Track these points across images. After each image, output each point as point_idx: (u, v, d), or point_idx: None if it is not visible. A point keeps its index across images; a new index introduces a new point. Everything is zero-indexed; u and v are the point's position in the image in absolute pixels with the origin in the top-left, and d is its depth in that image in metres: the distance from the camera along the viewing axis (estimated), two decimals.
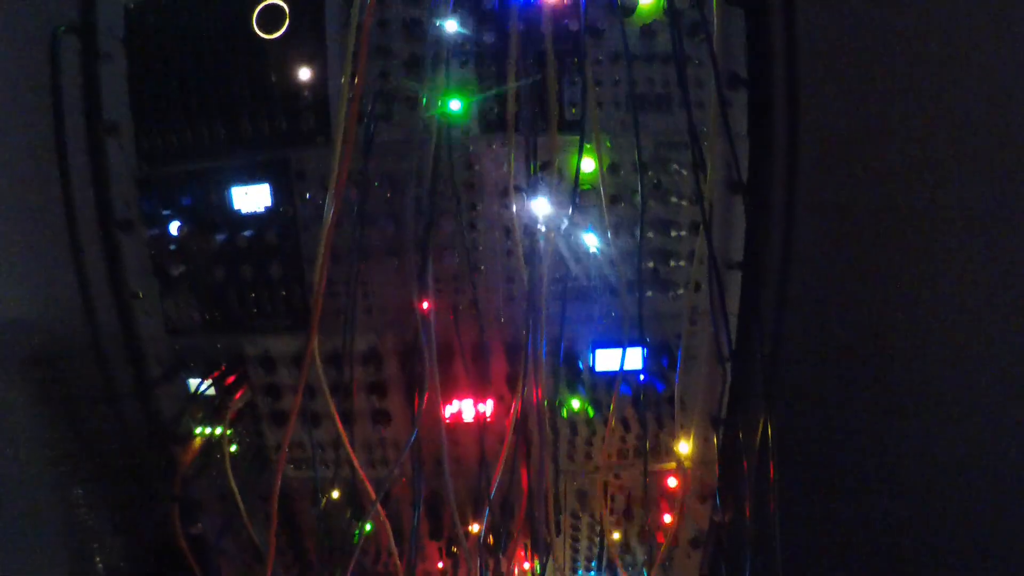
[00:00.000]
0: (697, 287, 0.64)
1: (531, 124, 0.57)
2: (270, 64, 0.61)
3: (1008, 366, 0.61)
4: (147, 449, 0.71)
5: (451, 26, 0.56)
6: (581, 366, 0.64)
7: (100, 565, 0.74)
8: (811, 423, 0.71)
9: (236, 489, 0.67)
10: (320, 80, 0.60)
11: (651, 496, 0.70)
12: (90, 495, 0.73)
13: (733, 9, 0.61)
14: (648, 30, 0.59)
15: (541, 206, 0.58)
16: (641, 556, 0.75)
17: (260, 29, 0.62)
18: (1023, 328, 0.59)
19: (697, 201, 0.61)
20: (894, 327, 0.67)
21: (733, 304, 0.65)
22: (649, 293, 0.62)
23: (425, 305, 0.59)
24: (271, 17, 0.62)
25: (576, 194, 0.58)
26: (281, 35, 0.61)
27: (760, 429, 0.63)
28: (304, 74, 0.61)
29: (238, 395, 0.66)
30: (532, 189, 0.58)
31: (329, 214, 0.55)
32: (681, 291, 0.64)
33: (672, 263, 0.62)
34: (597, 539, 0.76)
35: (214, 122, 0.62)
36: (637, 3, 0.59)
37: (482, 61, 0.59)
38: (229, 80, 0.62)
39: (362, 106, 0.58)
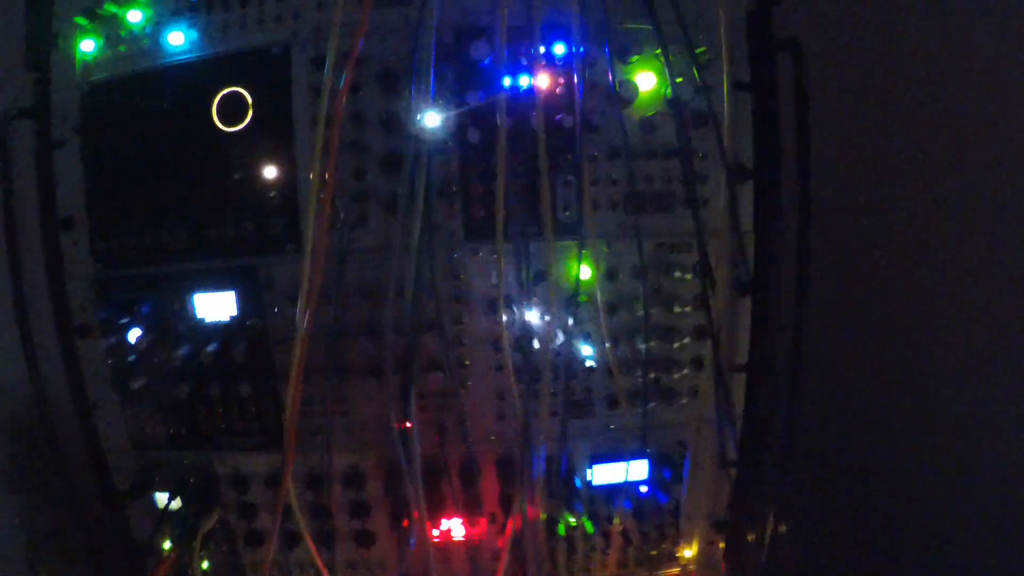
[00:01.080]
0: (696, 392, 0.55)
1: (521, 229, 0.49)
2: (233, 160, 0.52)
3: None
4: (116, 564, 0.63)
5: (432, 120, 0.48)
6: (579, 482, 0.56)
7: None
8: (818, 519, 0.65)
9: None
10: (288, 179, 0.51)
11: None
12: None
13: (741, 95, 0.53)
14: (648, 122, 0.51)
15: (533, 318, 0.51)
16: None
17: (221, 120, 0.53)
18: None
19: (702, 305, 0.53)
20: (903, 425, 0.60)
21: (738, 406, 0.59)
22: (651, 404, 0.54)
23: (408, 424, 0.52)
24: (233, 107, 0.53)
25: (573, 305, 0.51)
26: (244, 127, 0.52)
27: (769, 531, 0.57)
28: (270, 172, 0.52)
29: (209, 515, 0.58)
30: (523, 300, 0.50)
31: (301, 331, 0.48)
32: (684, 400, 0.55)
33: (675, 373, 0.54)
34: None
35: (174, 222, 0.53)
36: (637, 93, 0.50)
37: (467, 159, 0.50)
38: (190, 176, 0.53)
39: (335, 209, 0.51)
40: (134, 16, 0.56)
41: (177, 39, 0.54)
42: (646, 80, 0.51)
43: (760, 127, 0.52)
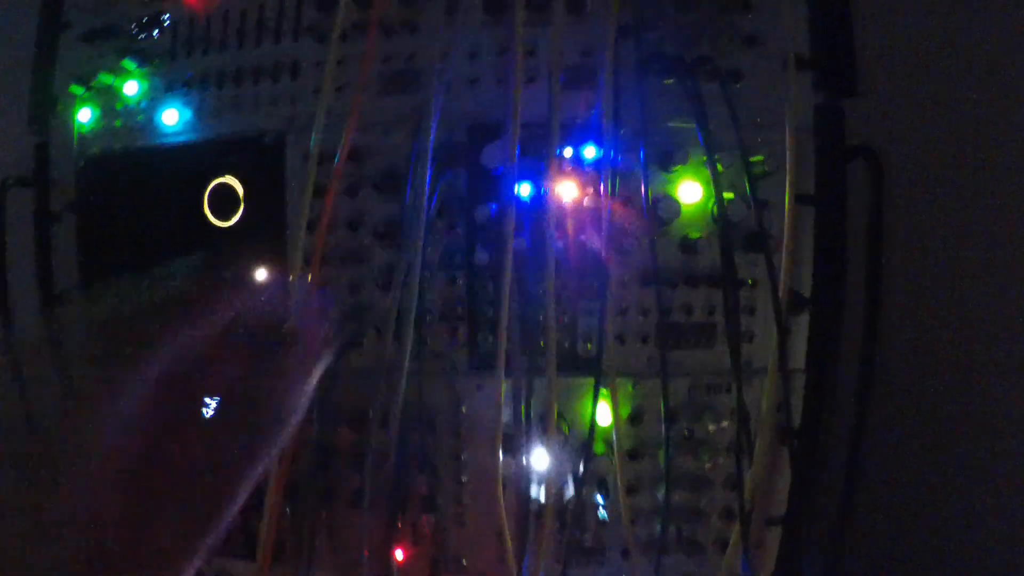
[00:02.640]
0: (724, 545, 0.42)
1: (531, 362, 0.38)
2: (222, 257, 0.43)
3: None
4: None
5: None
6: None
7: None
8: None
9: None
10: (279, 286, 0.40)
11: None
12: None
13: (804, 209, 0.40)
14: (689, 244, 0.40)
15: (541, 461, 0.40)
16: None
17: (213, 212, 0.44)
18: None
19: (736, 453, 0.40)
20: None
21: (770, 561, 0.48)
22: (670, 557, 0.43)
23: (399, 555, 0.44)
24: (225, 199, 0.43)
25: (588, 453, 0.39)
26: (235, 222, 0.43)
27: None
28: (260, 275, 0.42)
29: None
30: (529, 441, 0.40)
31: (276, 458, 0.40)
32: (710, 554, 0.44)
33: (700, 526, 0.42)
34: None
35: (163, 315, 0.47)
36: (679, 211, 0.38)
37: (475, 280, 0.40)
38: (179, 271, 0.47)
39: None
40: (130, 88, 0.47)
41: (171, 117, 0.46)
42: (690, 192, 0.40)
43: (823, 250, 0.40)
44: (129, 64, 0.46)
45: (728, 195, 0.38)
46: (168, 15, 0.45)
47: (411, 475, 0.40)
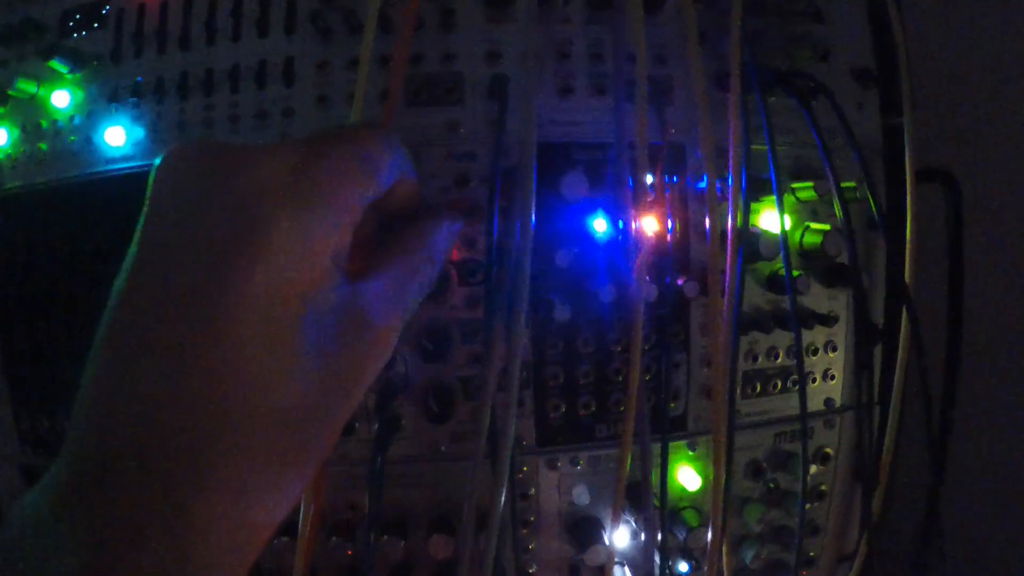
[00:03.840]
0: None
1: (610, 431, 0.30)
2: None
3: None
4: None
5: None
6: None
7: None
8: None
9: None
10: None
11: None
12: None
13: (873, 235, 0.34)
14: (776, 280, 0.32)
15: (623, 540, 0.32)
16: None
17: None
18: None
19: (819, 499, 0.35)
20: None
21: None
22: None
23: None
24: None
25: (677, 521, 0.32)
26: None
27: None
28: None
29: None
30: (612, 522, 0.31)
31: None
32: None
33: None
34: None
35: None
36: (777, 249, 0.30)
37: (543, 338, 0.30)
38: None
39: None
40: (59, 99, 0.33)
41: (116, 137, 0.32)
42: (773, 223, 0.32)
43: (892, 277, 0.35)
44: (59, 67, 0.32)
45: (823, 226, 0.32)
46: (109, 5, 0.32)
47: None
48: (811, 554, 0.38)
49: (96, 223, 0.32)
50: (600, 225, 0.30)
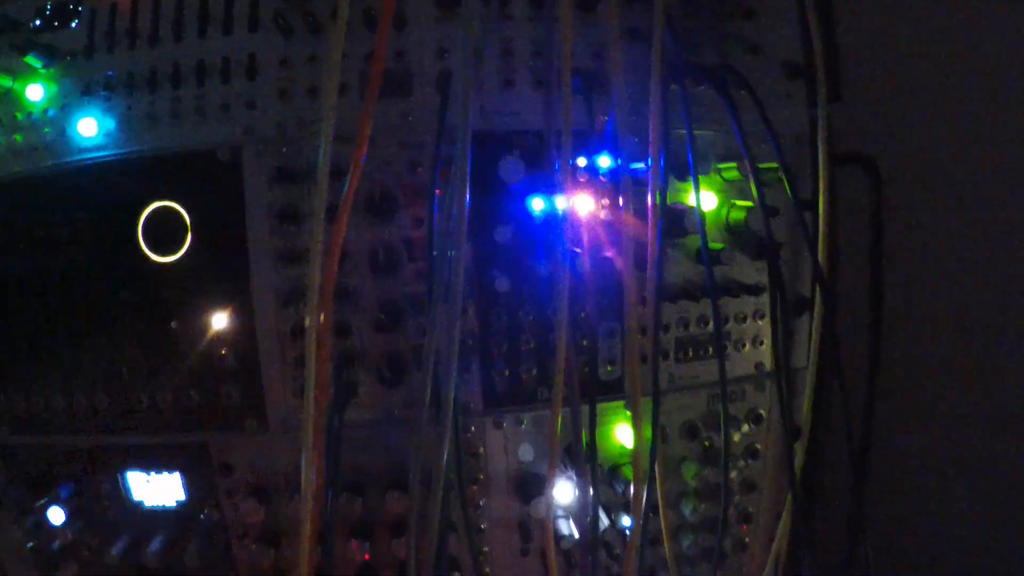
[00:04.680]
0: (744, 548, 0.40)
1: (556, 394, 0.31)
2: (167, 301, 0.33)
3: None
4: None
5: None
6: None
7: None
8: None
9: None
10: (244, 332, 0.33)
11: None
12: None
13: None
14: (708, 254, 0.33)
15: (565, 495, 0.35)
16: None
17: (150, 246, 0.34)
18: None
19: (753, 457, 0.39)
20: None
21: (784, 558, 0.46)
22: (699, 568, 0.40)
23: None
24: (166, 228, 0.34)
25: (617, 477, 0.35)
26: (181, 257, 0.33)
27: None
28: (219, 321, 0.33)
29: None
30: (555, 475, 0.34)
31: (306, 530, 0.28)
32: (730, 559, 0.41)
33: (726, 537, 0.38)
34: None
35: (93, 381, 0.34)
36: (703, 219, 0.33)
37: (488, 309, 0.34)
38: (110, 320, 0.34)
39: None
40: (34, 92, 0.36)
41: (88, 128, 0.35)
42: (705, 202, 0.35)
43: (829, 254, 0.38)
44: (33, 62, 0.34)
45: (747, 203, 0.35)
46: (82, 4, 0.34)
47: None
48: (749, 510, 0.41)
49: (70, 210, 0.35)
50: (537, 205, 0.33)
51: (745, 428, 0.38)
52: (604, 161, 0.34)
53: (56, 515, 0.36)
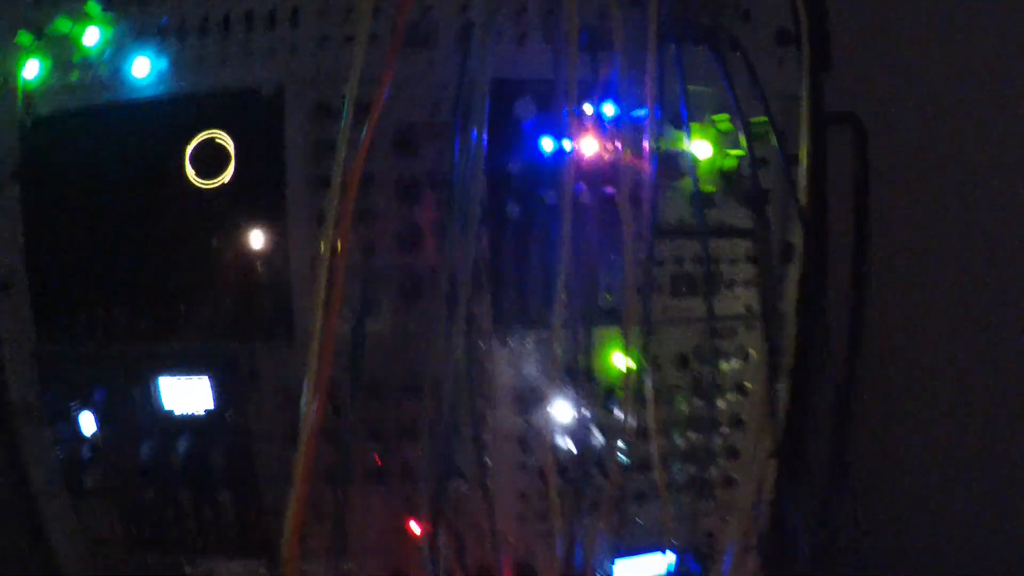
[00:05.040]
0: (730, 483, 0.44)
1: (556, 316, 0.36)
2: (209, 222, 0.37)
3: None
4: None
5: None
6: None
7: None
8: None
9: None
10: (278, 252, 0.36)
11: None
12: None
13: (792, 168, 0.40)
14: (699, 196, 0.39)
15: (563, 413, 0.38)
16: None
17: (196, 172, 0.38)
18: None
19: (741, 393, 0.42)
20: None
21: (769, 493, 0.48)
22: (686, 498, 0.43)
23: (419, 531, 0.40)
24: (211, 156, 0.37)
25: (611, 399, 0.39)
26: (224, 184, 0.37)
27: None
28: (256, 241, 0.37)
29: None
30: (555, 393, 0.37)
31: (307, 429, 0.33)
32: (719, 491, 0.44)
33: (712, 467, 0.42)
34: None
35: (134, 293, 0.38)
36: (695, 163, 0.38)
37: (501, 235, 0.37)
38: (154, 238, 0.38)
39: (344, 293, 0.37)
40: (90, 37, 0.40)
41: (141, 68, 0.39)
42: (700, 150, 0.39)
43: (811, 204, 0.41)
44: (93, 8, 0.38)
45: (739, 152, 0.39)
46: None
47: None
48: (735, 446, 0.44)
49: (122, 138, 0.39)
50: (547, 145, 0.37)
51: (738, 365, 0.41)
52: (608, 109, 0.38)
53: (87, 421, 0.40)
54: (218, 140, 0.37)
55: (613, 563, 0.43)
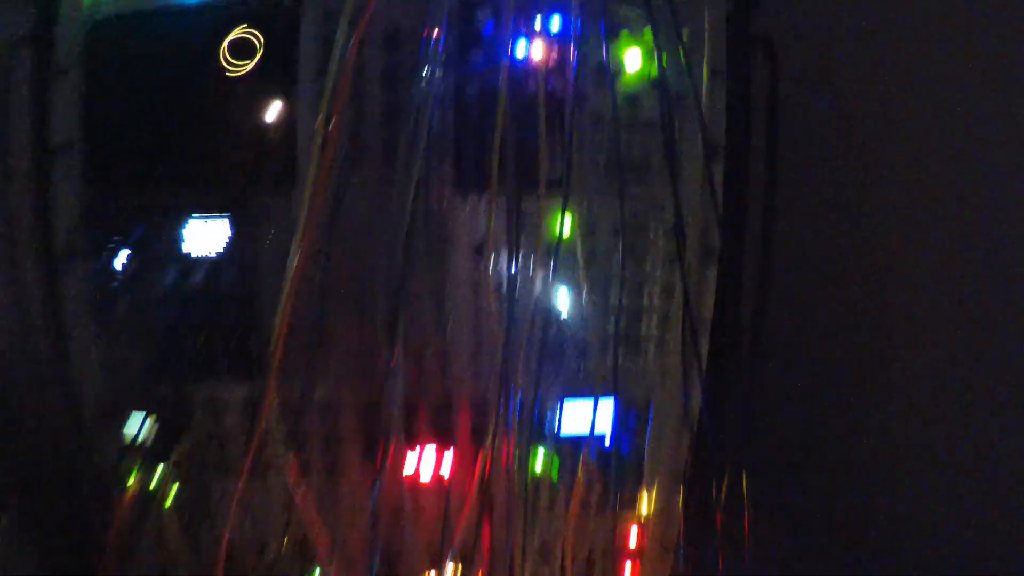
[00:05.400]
0: (663, 344, 0.52)
1: (510, 182, 0.46)
2: (236, 99, 0.47)
3: None
4: (79, 496, 0.55)
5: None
6: (547, 427, 0.51)
7: None
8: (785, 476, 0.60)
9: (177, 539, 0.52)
10: (288, 123, 0.46)
11: (613, 551, 0.60)
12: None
13: (718, 83, 0.50)
14: (633, 97, 0.49)
15: (514, 267, 0.48)
16: None
17: (228, 62, 0.48)
18: None
19: (673, 264, 0.51)
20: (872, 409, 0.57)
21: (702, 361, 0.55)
22: (621, 354, 0.50)
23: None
24: (241, 50, 0.47)
25: (554, 256, 0.47)
26: (250, 70, 0.47)
27: (726, 487, 0.53)
28: (272, 114, 0.47)
29: (180, 442, 0.52)
30: (506, 248, 0.46)
31: (294, 263, 0.42)
32: (652, 350, 0.52)
33: (644, 326, 0.51)
34: None
35: (172, 153, 0.47)
36: (624, 69, 0.49)
37: (465, 113, 0.47)
38: (191, 111, 0.48)
39: (335, 151, 0.46)
40: None
41: None
42: (634, 59, 0.49)
43: (733, 113, 0.51)
44: None
45: (664, 61, 0.47)
46: None
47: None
48: (668, 314, 0.51)
49: (169, 37, 0.48)
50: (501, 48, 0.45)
51: (660, 233, 0.49)
52: (555, 21, 0.47)
53: (120, 261, 0.48)
54: (248, 35, 0.47)
55: (562, 403, 0.51)
